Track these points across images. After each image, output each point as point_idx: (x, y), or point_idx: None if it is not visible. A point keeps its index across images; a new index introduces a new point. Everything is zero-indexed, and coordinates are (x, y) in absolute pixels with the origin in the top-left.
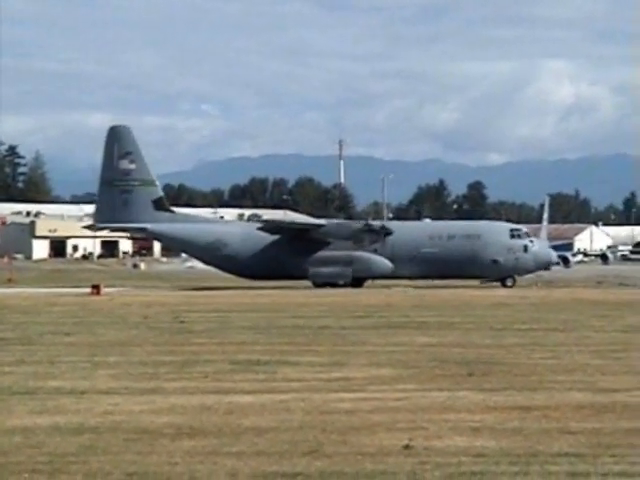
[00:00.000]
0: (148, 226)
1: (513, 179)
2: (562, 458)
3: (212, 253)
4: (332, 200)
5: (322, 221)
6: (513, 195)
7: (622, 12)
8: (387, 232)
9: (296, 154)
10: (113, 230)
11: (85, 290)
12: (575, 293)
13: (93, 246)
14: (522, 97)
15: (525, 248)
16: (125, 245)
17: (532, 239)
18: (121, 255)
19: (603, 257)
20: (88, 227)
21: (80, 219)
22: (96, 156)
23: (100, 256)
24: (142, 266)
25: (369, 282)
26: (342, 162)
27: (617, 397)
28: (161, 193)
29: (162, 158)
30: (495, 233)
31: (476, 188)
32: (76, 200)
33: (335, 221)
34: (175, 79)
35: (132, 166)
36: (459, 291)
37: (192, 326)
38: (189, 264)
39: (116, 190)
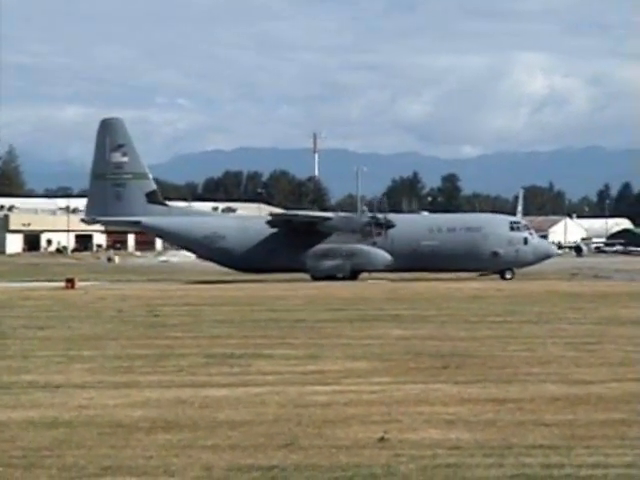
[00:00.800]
0: (143, 219)
1: (487, 171)
2: (536, 450)
3: (208, 246)
4: (306, 193)
5: (329, 214)
6: (487, 187)
7: (595, 4)
8: (389, 225)
9: (271, 147)
10: (107, 224)
11: (59, 284)
12: (549, 285)
13: (67, 240)
14: (496, 90)
15: (525, 240)
16: (99, 239)
17: (531, 231)
18: (95, 249)
19: (577, 249)
20: (83, 221)
21: (53, 213)
22: (69, 149)
23: (74, 250)
24: (116, 260)
25: (364, 275)
26: (316, 155)
27: (591, 389)
28: (154, 186)
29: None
30: (495, 225)
31: (450, 181)
32: (49, 194)
33: (342, 214)
34: (149, 72)
35: (125, 159)
36: (433, 284)
37: (167, 320)
38: (163, 258)
39: (108, 183)
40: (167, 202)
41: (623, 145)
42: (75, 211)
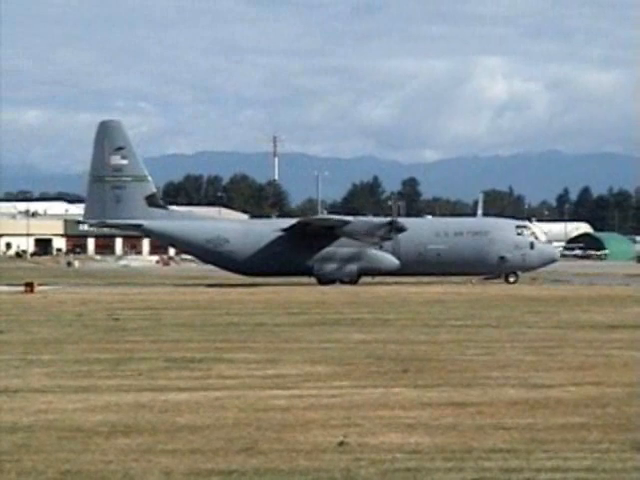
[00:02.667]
0: (144, 223)
1: (447, 176)
2: (496, 454)
3: (211, 250)
4: (266, 197)
5: (349, 218)
6: (447, 192)
7: (557, 8)
8: (401, 229)
9: (232, 151)
10: (107, 227)
11: (18, 288)
12: (509, 289)
13: (27, 244)
14: (457, 94)
15: (531, 245)
16: (59, 243)
17: (537, 236)
18: (55, 253)
19: None
20: (81, 223)
21: (13, 217)
22: (29, 153)
23: (34, 254)
24: (76, 264)
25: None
26: (276, 159)
27: (550, 393)
28: (154, 189)
29: None
30: (502, 230)
31: (410, 185)
32: (9, 197)
33: (361, 218)
34: (110, 76)
35: (124, 161)
36: (394, 288)
37: (126, 324)
38: (123, 262)
39: (107, 186)
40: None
41: (582, 150)
42: (35, 215)
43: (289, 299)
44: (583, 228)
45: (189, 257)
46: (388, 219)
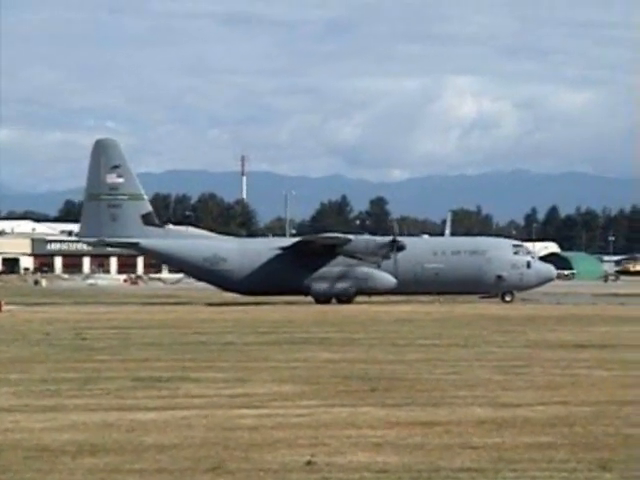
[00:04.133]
0: (141, 241)
1: (415, 195)
2: (464, 473)
3: (208, 269)
4: (234, 216)
5: (350, 236)
6: (415, 210)
7: (526, 29)
8: (401, 248)
9: (201, 170)
10: (106, 245)
11: None
12: (478, 308)
13: None
14: (426, 113)
15: (528, 264)
16: (26, 262)
17: (533, 255)
18: (22, 272)
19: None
20: (78, 241)
21: None
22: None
23: (1, 273)
24: (43, 283)
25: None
26: (244, 178)
27: (518, 412)
28: (150, 208)
29: (66, 174)
30: (499, 249)
31: (378, 204)
32: None
33: (364, 237)
34: (79, 95)
35: (120, 180)
36: (362, 307)
37: (94, 343)
38: (90, 281)
39: (103, 204)
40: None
41: (550, 169)
42: (2, 233)
43: (258, 318)
44: (551, 247)
45: (156, 276)
46: (389, 238)
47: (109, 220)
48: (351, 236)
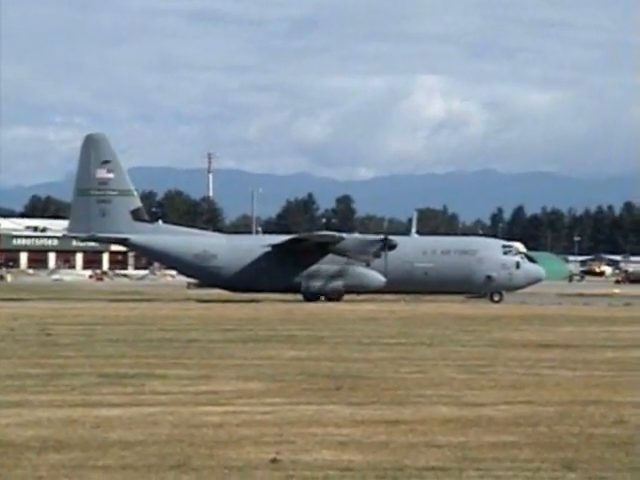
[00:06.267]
0: (131, 237)
1: (381, 193)
2: (428, 472)
3: (199, 265)
4: (201, 213)
5: (343, 235)
6: (382, 209)
7: (495, 28)
8: (393, 246)
9: (167, 167)
10: (96, 241)
11: None
12: (442, 308)
13: None
14: (394, 112)
15: (517, 265)
16: None
17: (522, 256)
18: None
19: None
20: (65, 237)
21: None
22: None
23: None
24: (8, 278)
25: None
26: (211, 175)
27: (483, 411)
28: (140, 203)
29: (33, 170)
30: (489, 249)
31: (344, 202)
32: None
33: (355, 235)
34: (46, 90)
35: (110, 175)
36: (328, 305)
37: (59, 339)
38: (56, 276)
39: (93, 200)
40: (61, 220)
41: (516, 169)
42: None
43: (222, 315)
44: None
45: (122, 272)
46: (381, 236)
47: (99, 215)
48: (344, 234)
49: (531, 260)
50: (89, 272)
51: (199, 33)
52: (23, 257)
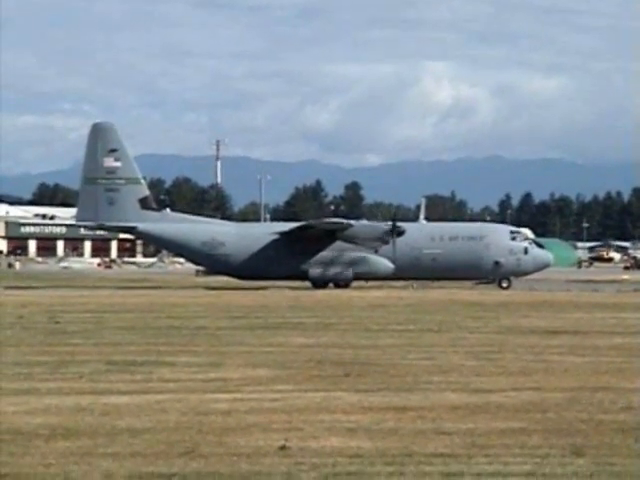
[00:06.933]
0: (139, 225)
1: (389, 180)
2: (437, 458)
3: (207, 253)
4: (209, 200)
5: (352, 222)
6: (390, 196)
7: (503, 14)
8: (401, 233)
9: (174, 154)
10: (104, 229)
11: None
12: (451, 294)
13: None
14: (402, 99)
15: (525, 250)
16: (0, 245)
17: (530, 241)
18: None
19: None
20: (74, 225)
21: None
22: None
23: None
24: (17, 266)
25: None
26: (219, 163)
27: (491, 398)
28: (147, 192)
29: (41, 157)
30: (497, 235)
31: (353, 189)
32: None
33: (364, 222)
34: (55, 78)
35: (117, 164)
36: (335, 292)
37: (67, 326)
38: (64, 264)
39: (100, 188)
40: (69, 208)
41: (524, 155)
42: None
43: (231, 302)
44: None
45: (130, 260)
46: (389, 223)
47: (106, 204)
48: (352, 221)
49: (539, 246)
50: (97, 260)
51: (205, 20)
52: (32, 245)
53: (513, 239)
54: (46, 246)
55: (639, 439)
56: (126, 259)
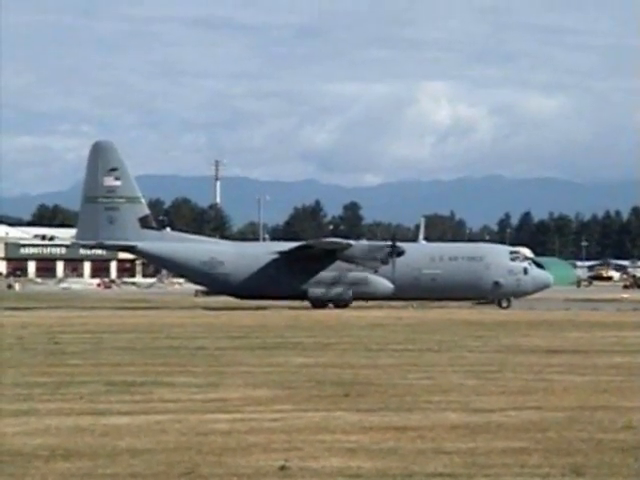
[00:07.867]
0: (138, 244)
1: (389, 200)
2: (437, 478)
3: (206, 272)
4: (208, 221)
5: (351, 242)
6: (389, 216)
7: (500, 34)
8: (401, 253)
9: (173, 175)
10: (104, 248)
11: None
12: (450, 314)
13: None
14: (400, 118)
15: (525, 271)
16: None
17: (530, 262)
18: None
19: None
20: (73, 245)
21: None
22: None
23: None
24: (17, 287)
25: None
26: (218, 183)
27: (491, 417)
28: (147, 211)
29: (40, 178)
30: (497, 255)
31: (351, 209)
32: None
33: (363, 242)
34: (53, 98)
35: (117, 183)
36: (335, 312)
37: (67, 347)
38: (64, 285)
39: (100, 207)
40: (68, 229)
41: (523, 175)
42: None
43: (230, 323)
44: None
45: (130, 280)
46: (389, 243)
47: (106, 223)
48: (352, 241)
49: (539, 266)
50: (97, 280)
51: (203, 40)
52: (31, 266)
53: (513, 259)
54: (46, 267)
55: (639, 458)
56: (125, 279)
